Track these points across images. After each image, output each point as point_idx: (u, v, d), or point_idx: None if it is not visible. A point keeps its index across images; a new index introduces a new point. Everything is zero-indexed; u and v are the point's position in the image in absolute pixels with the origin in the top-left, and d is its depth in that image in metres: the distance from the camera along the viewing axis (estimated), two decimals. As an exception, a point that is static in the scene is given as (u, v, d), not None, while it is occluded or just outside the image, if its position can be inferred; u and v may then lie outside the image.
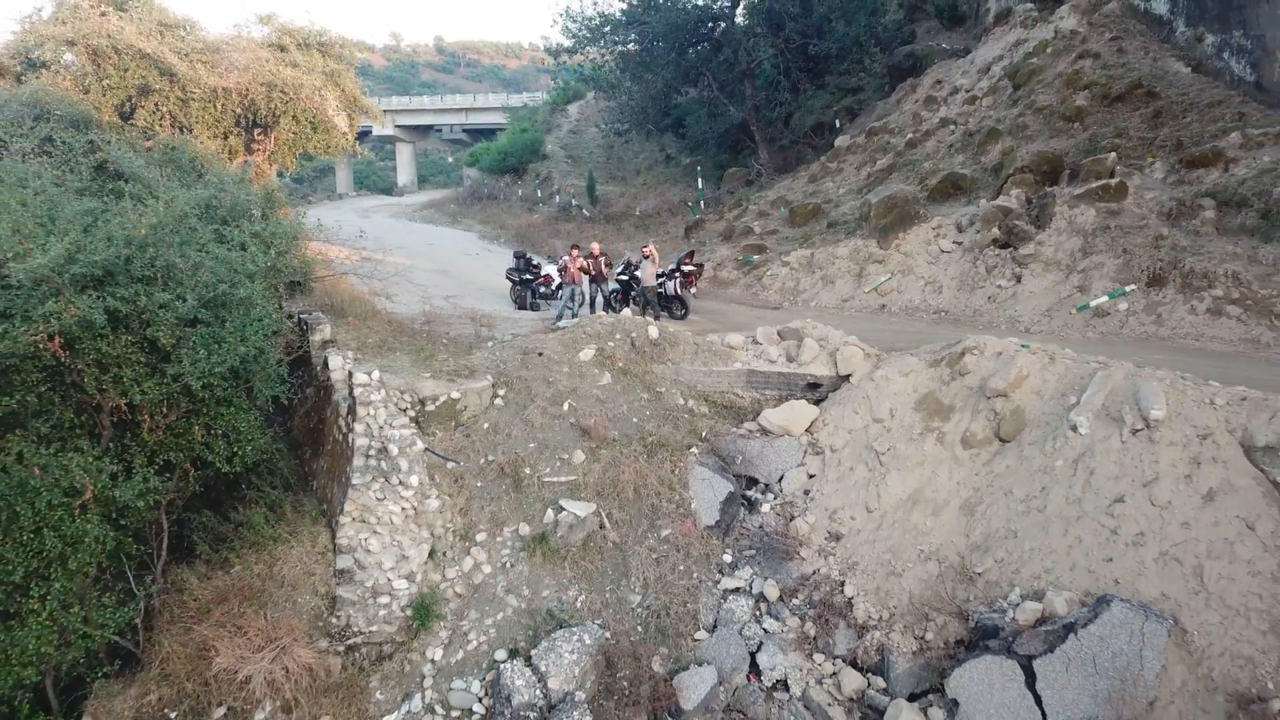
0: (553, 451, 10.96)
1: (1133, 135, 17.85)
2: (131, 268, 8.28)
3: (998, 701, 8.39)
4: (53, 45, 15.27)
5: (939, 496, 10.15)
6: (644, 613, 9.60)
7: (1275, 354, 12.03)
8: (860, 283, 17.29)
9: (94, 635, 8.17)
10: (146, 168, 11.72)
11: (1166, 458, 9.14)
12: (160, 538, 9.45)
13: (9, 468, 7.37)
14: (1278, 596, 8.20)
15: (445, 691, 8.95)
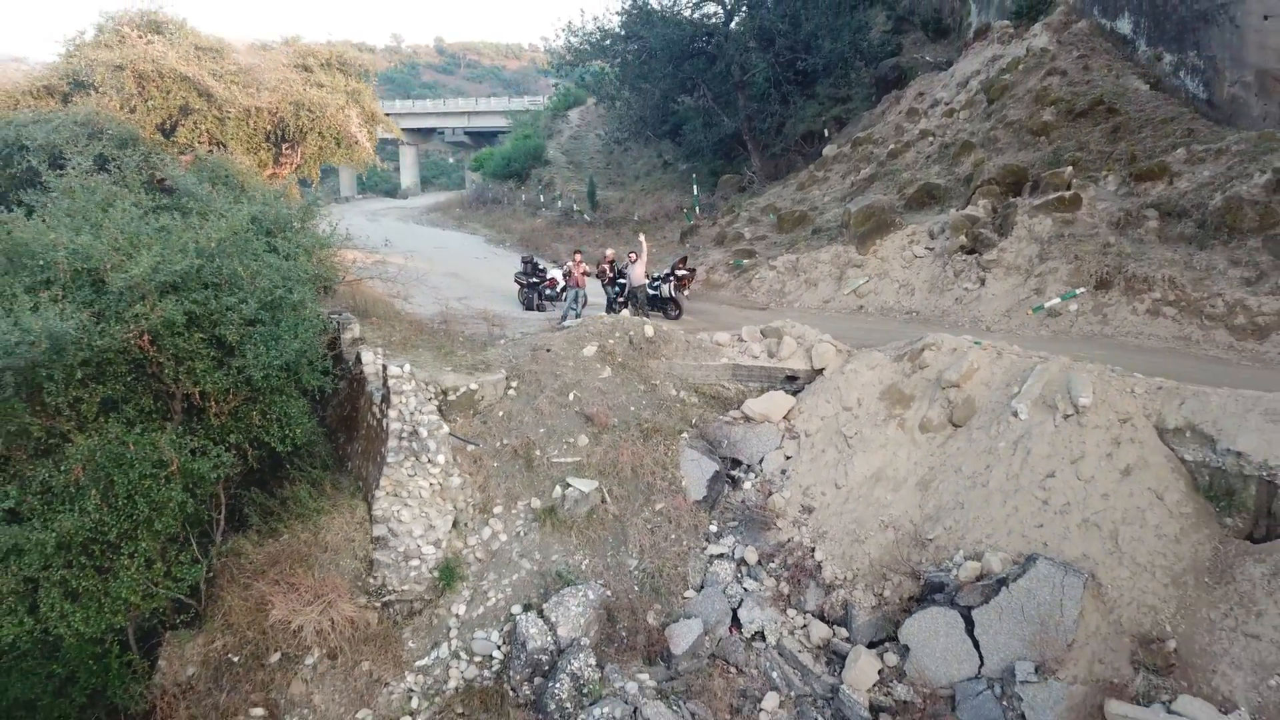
0: (560, 436, 12.34)
1: (1093, 149, 19.21)
2: (202, 275, 9.65)
3: (942, 646, 9.77)
4: (104, 69, 16.63)
5: (898, 474, 11.53)
6: (640, 574, 10.98)
7: (1202, 349, 13.41)
8: (840, 285, 18.67)
9: (171, 588, 9.55)
10: (198, 184, 13.07)
11: (1091, 439, 10.52)
12: (220, 509, 10.82)
13: (109, 444, 8.75)
14: (1179, 555, 9.58)
15: (469, 640, 10.33)
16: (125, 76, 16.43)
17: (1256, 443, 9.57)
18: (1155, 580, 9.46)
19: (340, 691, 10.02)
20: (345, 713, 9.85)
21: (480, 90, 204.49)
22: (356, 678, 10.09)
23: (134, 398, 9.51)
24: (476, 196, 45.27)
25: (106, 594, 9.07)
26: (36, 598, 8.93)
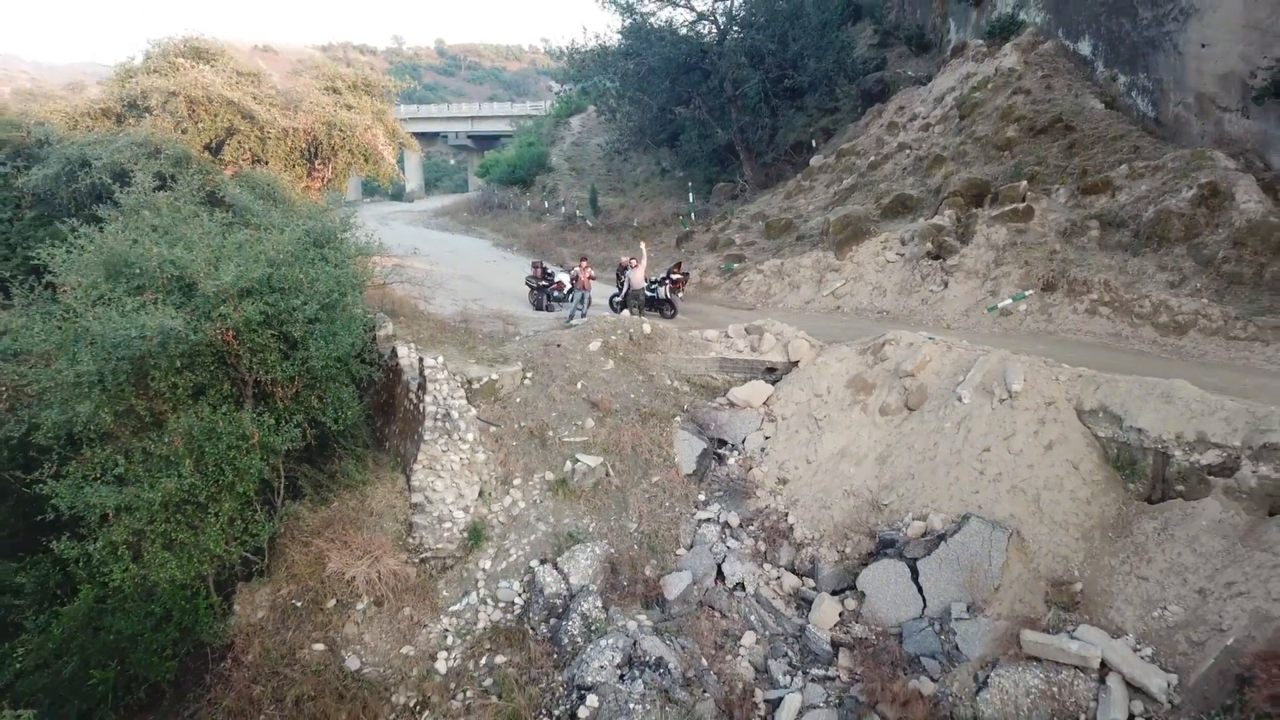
0: (570, 419, 14.12)
1: (1050, 164, 20.99)
2: (272, 281, 11.43)
3: (892, 592, 11.57)
4: (159, 95, 18.39)
5: (860, 451, 13.32)
6: (639, 535, 12.77)
7: (1131, 344, 15.21)
8: (820, 288, 20.45)
9: (247, 542, 11.35)
10: (252, 201, 14.84)
11: (1021, 419, 12.31)
12: (280, 480, 12.60)
13: (202, 421, 10.54)
14: (1089, 514, 11.38)
15: (494, 589, 12.11)
16: (179, 101, 18.21)
17: (1154, 421, 11.36)
18: (1068, 535, 11.26)
19: (386, 632, 11.80)
20: (391, 649, 11.63)
21: (481, 92, 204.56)
22: (400, 621, 11.88)
23: (216, 384, 11.30)
24: (483, 201, 47.02)
25: (196, 546, 10.88)
26: (140, 548, 10.73)
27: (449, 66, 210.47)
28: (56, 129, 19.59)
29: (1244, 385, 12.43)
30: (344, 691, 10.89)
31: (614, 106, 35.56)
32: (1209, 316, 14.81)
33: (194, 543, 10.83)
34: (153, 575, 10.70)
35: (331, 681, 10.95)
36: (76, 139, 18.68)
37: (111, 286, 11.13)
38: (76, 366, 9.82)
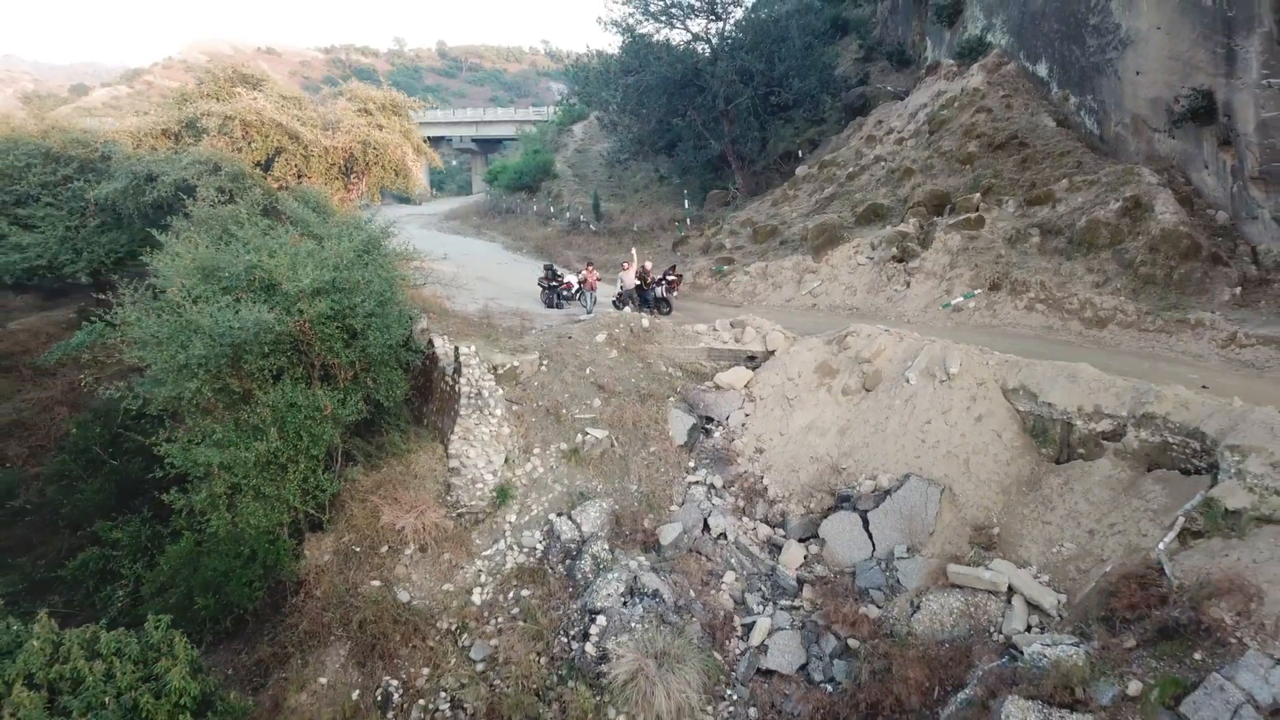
0: (580, 399, 16.45)
1: (1005, 176, 23.29)
2: (337, 282, 13.75)
3: (847, 538, 13.91)
4: (217, 119, 20.69)
5: (824, 425, 15.65)
6: (638, 494, 15.11)
7: (1060, 336, 17.53)
8: (799, 287, 22.77)
9: (318, 497, 13.69)
10: (308, 213, 17.14)
11: (957, 397, 14.64)
12: (338, 448, 14.92)
13: (285, 396, 12.87)
14: (1008, 473, 13.71)
15: (519, 538, 14.45)
16: (235, 124, 20.49)
17: (1061, 397, 13.69)
18: (990, 490, 13.60)
19: (430, 572, 14.14)
20: (434, 586, 13.97)
21: (482, 93, 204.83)
22: (441, 563, 14.21)
23: (292, 367, 13.62)
24: (492, 206, 49.27)
25: (279, 498, 13.23)
26: (234, 499, 13.07)
27: (450, 68, 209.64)
28: (124, 147, 21.89)
29: (1143, 368, 14.78)
30: (398, 618, 13.23)
31: (615, 120, 37.85)
32: (1125, 312, 17.15)
33: (277, 495, 13.18)
34: (243, 522, 13.05)
35: (387, 610, 13.28)
36: (143, 156, 20.98)
37: (206, 287, 13.46)
38: (190, 351, 12.14)
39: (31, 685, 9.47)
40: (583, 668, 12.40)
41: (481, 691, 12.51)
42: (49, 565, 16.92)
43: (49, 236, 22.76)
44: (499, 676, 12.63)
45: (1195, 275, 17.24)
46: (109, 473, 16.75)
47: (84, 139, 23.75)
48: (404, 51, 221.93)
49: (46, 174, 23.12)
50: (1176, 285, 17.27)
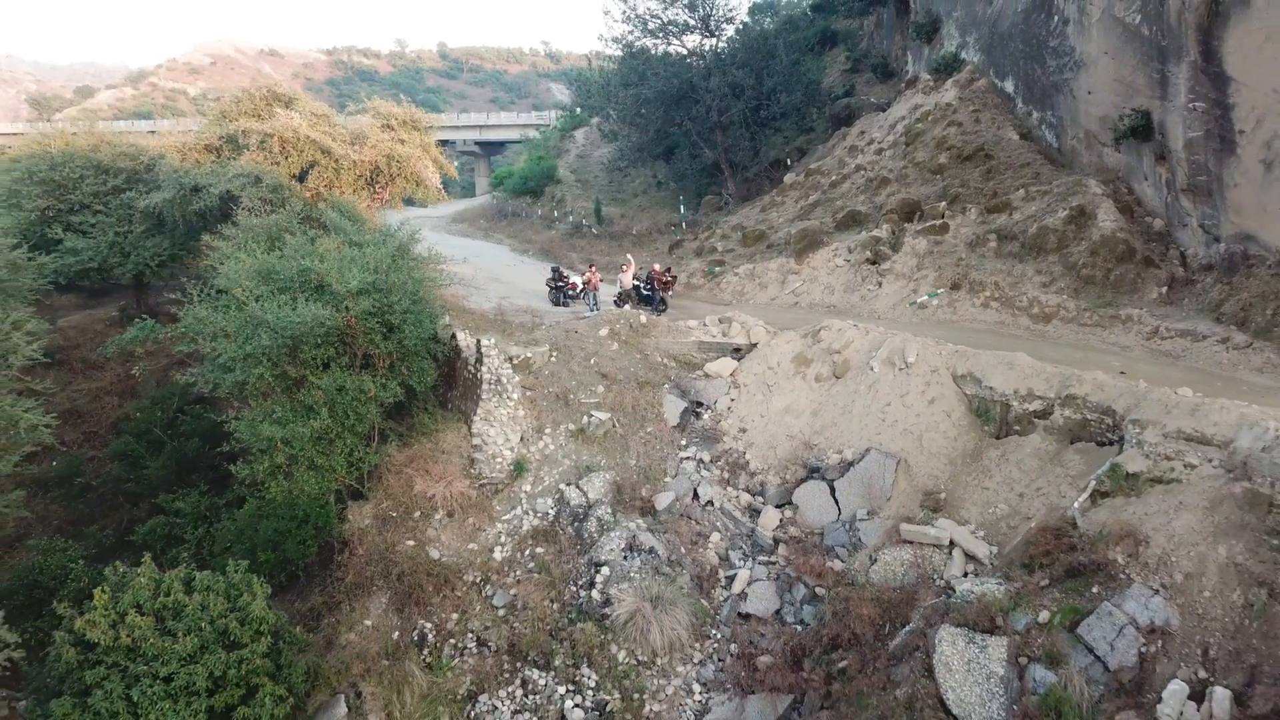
0: (586, 386, 18.52)
1: (971, 186, 25.32)
2: (377, 283, 15.80)
3: (816, 503, 15.98)
4: (257, 135, 22.73)
5: (799, 407, 17.72)
6: (637, 468, 17.18)
7: (1010, 331, 19.59)
8: (783, 287, 24.83)
9: (360, 467, 15.75)
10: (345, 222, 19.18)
11: (913, 382, 16.70)
12: (376, 427, 16.97)
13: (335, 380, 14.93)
14: (955, 447, 15.77)
15: (534, 504, 16.51)
16: (273, 140, 22.54)
17: (1001, 381, 15.75)
18: (939, 461, 15.67)
19: (457, 534, 16.20)
20: (461, 545, 16.03)
21: (483, 94, 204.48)
22: (466, 526, 16.28)
23: (338, 356, 15.69)
24: (498, 210, 51.27)
25: (329, 469, 15.31)
26: (291, 469, 15.14)
27: (451, 70, 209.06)
28: (170, 160, 23.94)
29: (1076, 357, 16.83)
30: (430, 571, 15.29)
31: (615, 129, 39.90)
32: (1067, 309, 19.22)
33: (327, 466, 15.26)
34: (298, 489, 15.12)
35: (421, 565, 15.34)
36: (189, 169, 23.03)
37: (264, 288, 15.52)
38: (256, 342, 14.20)
39: (140, 613, 11.54)
40: (589, 610, 14.49)
41: (503, 632, 14.59)
42: (116, 534, 18.97)
43: (100, 241, 24.78)
44: (518, 619, 14.71)
45: (1129, 276, 19.31)
46: (170, 452, 18.81)
47: (131, 152, 25.80)
48: (405, 53, 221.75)
49: (98, 184, 25.15)
50: (1112, 285, 19.33)
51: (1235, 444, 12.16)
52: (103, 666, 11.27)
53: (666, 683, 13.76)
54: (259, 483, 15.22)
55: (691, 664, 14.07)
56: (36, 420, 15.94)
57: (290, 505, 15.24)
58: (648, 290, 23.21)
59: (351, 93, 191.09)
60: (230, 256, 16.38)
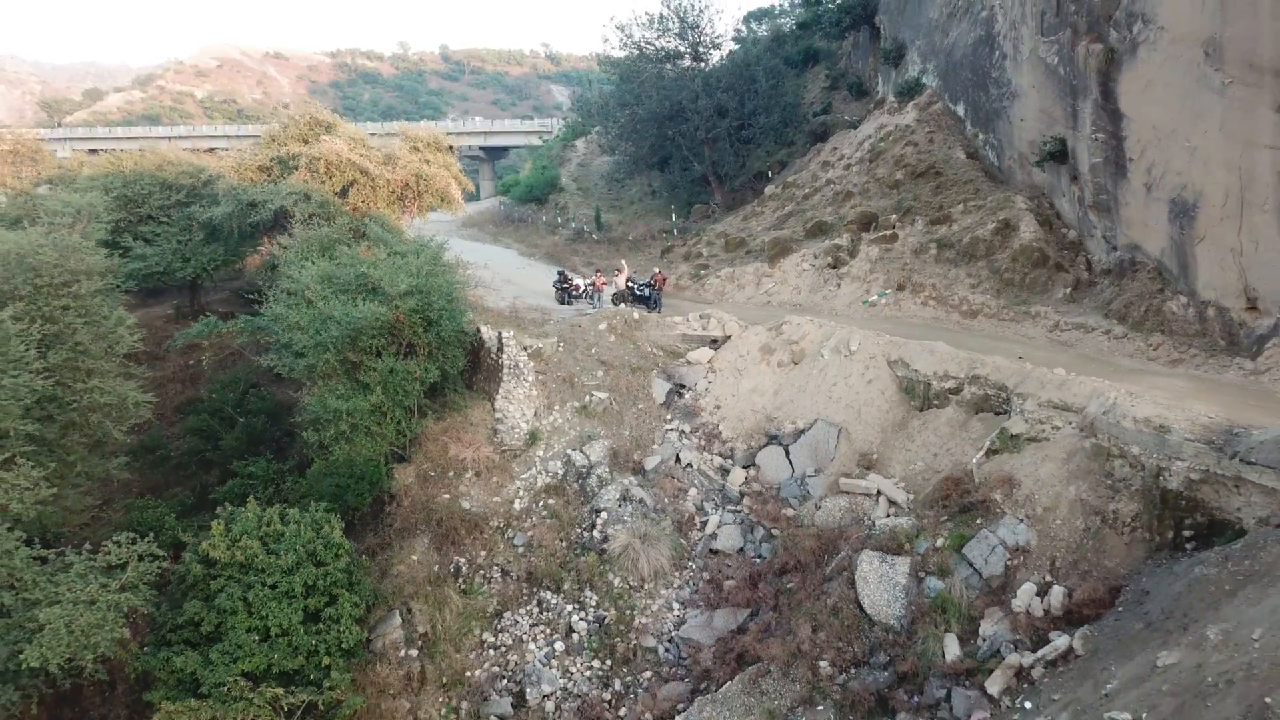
0: (588, 371, 21.95)
1: (922, 200, 28.73)
2: (419, 285, 19.23)
3: (774, 464, 19.44)
4: (306, 158, 26.15)
5: (763, 388, 21.17)
6: (630, 437, 20.62)
7: (943, 325, 23.02)
8: (758, 288, 28.27)
9: (405, 435, 19.20)
10: (387, 234, 22.60)
11: (855, 366, 20.14)
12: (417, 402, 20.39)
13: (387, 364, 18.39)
14: (886, 418, 19.20)
15: (546, 466, 19.92)
16: (320, 162, 25.96)
17: (924, 365, 19.18)
18: (873, 429, 19.11)
19: (483, 489, 19.62)
20: (487, 498, 19.43)
21: (484, 96, 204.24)
22: (491, 483, 19.70)
23: (389, 345, 19.13)
24: (505, 215, 54.60)
25: (381, 435, 18.75)
26: (351, 435, 18.57)
27: (453, 71, 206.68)
28: (228, 179, 27.37)
29: (989, 346, 20.23)
30: (463, 518, 18.70)
31: (612, 145, 43.33)
32: (990, 307, 22.67)
33: (380, 434, 18.70)
34: (356, 452, 18.55)
35: (455, 513, 18.76)
36: (246, 187, 26.47)
37: (327, 289, 18.96)
38: (326, 333, 17.63)
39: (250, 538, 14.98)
40: (591, 546, 17.96)
41: (522, 564, 18.05)
42: (194, 495, 22.39)
43: (164, 249, 28.17)
44: (533, 554, 18.17)
45: (1042, 279, 22.76)
46: (241, 426, 22.24)
47: (191, 170, 29.21)
48: (408, 55, 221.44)
49: (163, 199, 28.55)
50: (1028, 286, 22.78)
51: (1087, 410, 15.62)
52: (222, 578, 14.70)
53: (652, 602, 17.23)
54: (325, 446, 18.65)
55: (672, 588, 17.53)
56: (139, 398, 19.33)
57: (350, 465, 18.66)
58: (643, 291, 26.64)
59: (355, 94, 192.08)
60: (296, 264, 19.80)
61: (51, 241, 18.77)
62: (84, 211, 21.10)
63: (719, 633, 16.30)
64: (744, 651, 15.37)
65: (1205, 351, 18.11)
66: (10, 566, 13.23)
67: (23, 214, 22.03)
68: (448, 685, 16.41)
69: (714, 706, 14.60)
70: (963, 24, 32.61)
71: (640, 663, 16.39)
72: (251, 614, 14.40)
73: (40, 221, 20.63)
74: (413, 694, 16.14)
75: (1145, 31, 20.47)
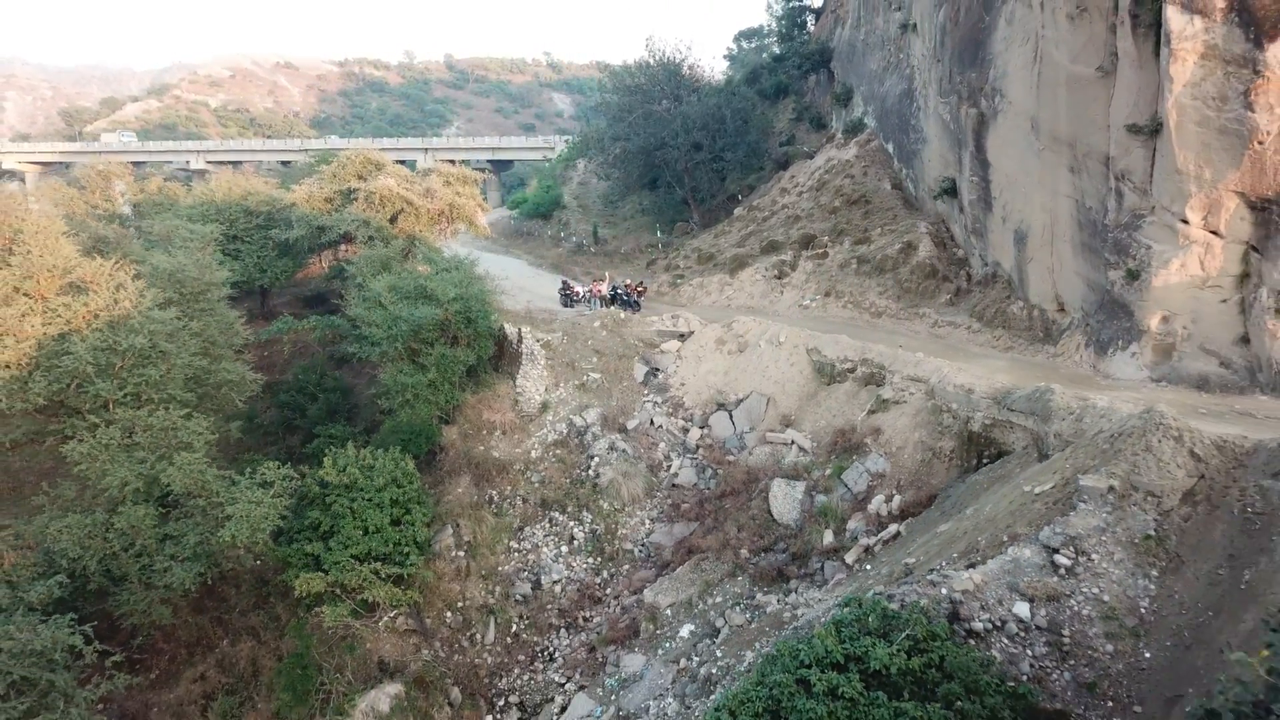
0: (585, 357, 28.33)
1: (853, 224, 35.07)
2: (461, 292, 25.61)
3: (722, 425, 25.83)
4: (363, 191, 32.52)
5: (717, 370, 27.56)
6: (616, 406, 27.00)
7: (858, 323, 29.37)
8: (721, 294, 34.63)
9: (452, 401, 25.62)
10: (435, 254, 28.94)
11: (783, 353, 26.53)
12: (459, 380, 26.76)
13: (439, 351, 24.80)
14: (804, 390, 25.58)
15: (554, 427, 26.29)
16: (375, 196, 32.34)
17: (830, 352, 25.52)
18: (793, 399, 25.49)
19: (508, 442, 26.00)
20: (511, 449, 25.80)
21: (487, 104, 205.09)
22: (513, 439, 26.08)
23: (439, 337, 25.52)
24: (515, 229, 60.95)
25: (434, 401, 25.15)
26: (413, 403, 24.96)
27: (457, 80, 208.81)
28: (300, 207, 33.78)
29: (884, 338, 26.56)
30: (493, 463, 25.07)
31: (607, 173, 49.80)
32: (891, 309, 29.05)
33: (433, 402, 25.08)
34: (416, 415, 24.92)
35: (488, 459, 25.15)
36: (317, 214, 32.85)
37: (393, 296, 25.36)
38: (397, 328, 24.00)
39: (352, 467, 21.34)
40: (587, 481, 24.35)
41: (537, 494, 24.41)
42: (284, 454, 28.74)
43: (247, 263, 34.52)
44: (545, 488, 24.53)
45: (931, 288, 29.13)
46: (323, 400, 28.64)
47: (268, 199, 35.61)
48: (413, 64, 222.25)
49: (246, 223, 34.94)
50: (920, 293, 29.16)
51: (930, 381, 22.01)
52: (333, 493, 21.06)
53: (630, 518, 23.62)
54: (394, 411, 25.03)
55: (644, 510, 23.93)
56: (252, 376, 25.71)
57: (411, 425, 25.04)
58: (625, 296, 33.01)
59: (363, 103, 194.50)
60: (367, 276, 26.20)
61: (193, 261, 25.17)
62: (207, 238, 27.47)
63: (676, 537, 22.71)
64: (692, 547, 21.78)
65: (1028, 341, 24.50)
66: (203, 481, 19.62)
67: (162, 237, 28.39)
68: (485, 576, 22.81)
69: (670, 581, 21.02)
70: (893, 77, 39.04)
71: (621, 559, 22.80)
72: (355, 517, 20.74)
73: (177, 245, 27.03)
74: (461, 580, 22.55)
75: (1001, 104, 26.88)
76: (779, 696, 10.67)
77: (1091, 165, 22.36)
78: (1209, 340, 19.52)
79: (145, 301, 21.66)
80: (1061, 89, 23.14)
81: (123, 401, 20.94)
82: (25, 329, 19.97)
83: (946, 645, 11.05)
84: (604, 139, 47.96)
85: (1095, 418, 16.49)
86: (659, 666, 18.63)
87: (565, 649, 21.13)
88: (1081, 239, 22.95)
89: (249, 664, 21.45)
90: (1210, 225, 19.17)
